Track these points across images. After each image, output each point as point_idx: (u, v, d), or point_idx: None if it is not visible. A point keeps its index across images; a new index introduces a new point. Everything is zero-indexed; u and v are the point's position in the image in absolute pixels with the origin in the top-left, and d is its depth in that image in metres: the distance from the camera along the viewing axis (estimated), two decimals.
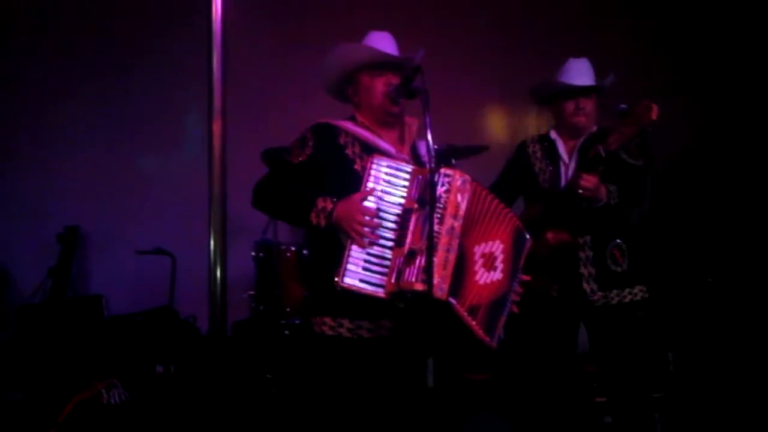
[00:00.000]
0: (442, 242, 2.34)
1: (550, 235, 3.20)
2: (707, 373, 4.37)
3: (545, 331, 3.33)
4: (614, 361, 3.25)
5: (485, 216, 2.49)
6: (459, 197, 2.40)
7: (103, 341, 4.66)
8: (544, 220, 3.24)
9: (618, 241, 3.29)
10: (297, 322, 4.63)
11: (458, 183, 2.40)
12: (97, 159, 5.70)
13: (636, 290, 3.27)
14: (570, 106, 3.35)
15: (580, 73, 3.37)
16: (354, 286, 2.34)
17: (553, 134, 3.45)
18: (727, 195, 5.54)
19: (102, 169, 5.69)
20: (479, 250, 2.46)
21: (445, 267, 2.33)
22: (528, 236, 2.64)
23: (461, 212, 2.40)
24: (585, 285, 3.24)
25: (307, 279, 4.38)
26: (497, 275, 2.49)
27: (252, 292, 4.92)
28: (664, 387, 3.57)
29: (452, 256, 2.35)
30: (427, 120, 2.38)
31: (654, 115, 2.82)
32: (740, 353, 4.61)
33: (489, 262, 2.47)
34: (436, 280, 2.28)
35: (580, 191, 3.05)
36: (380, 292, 2.34)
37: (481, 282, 2.45)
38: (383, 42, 2.73)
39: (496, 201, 2.54)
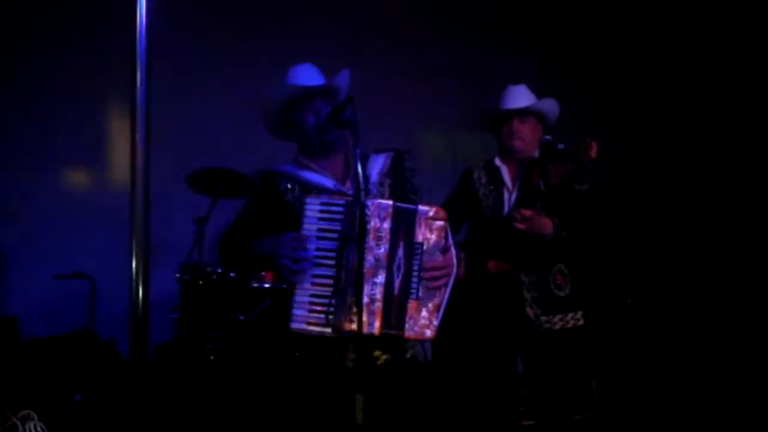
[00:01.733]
0: (368, 275, 2.36)
1: (491, 264, 3.24)
2: (629, 397, 4.48)
3: (485, 355, 3.33)
4: (546, 385, 3.28)
5: (399, 232, 2.46)
6: (384, 224, 2.41)
7: (18, 366, 4.47)
8: (487, 247, 3.27)
9: (560, 265, 3.32)
10: (220, 347, 4.55)
11: (382, 211, 2.42)
12: (13, 179, 5.51)
13: (578, 315, 3.31)
14: (506, 129, 3.41)
15: (515, 97, 3.45)
16: (301, 329, 2.37)
17: (498, 161, 3.50)
18: (644, 214, 5.71)
19: (19, 189, 5.50)
20: (394, 265, 2.44)
21: (373, 302, 2.36)
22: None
23: (385, 240, 2.41)
24: (528, 309, 3.25)
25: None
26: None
27: (176, 315, 4.81)
28: (587, 410, 3.62)
29: (379, 289, 2.38)
30: (357, 152, 2.38)
31: (593, 153, 2.87)
32: (664, 372, 4.75)
33: (399, 269, 2.46)
34: (364, 317, 2.32)
35: (520, 227, 3.09)
36: (328, 332, 2.36)
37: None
38: (304, 74, 2.73)
39: (402, 209, 2.49)
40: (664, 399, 4.51)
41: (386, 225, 2.41)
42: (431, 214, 2.47)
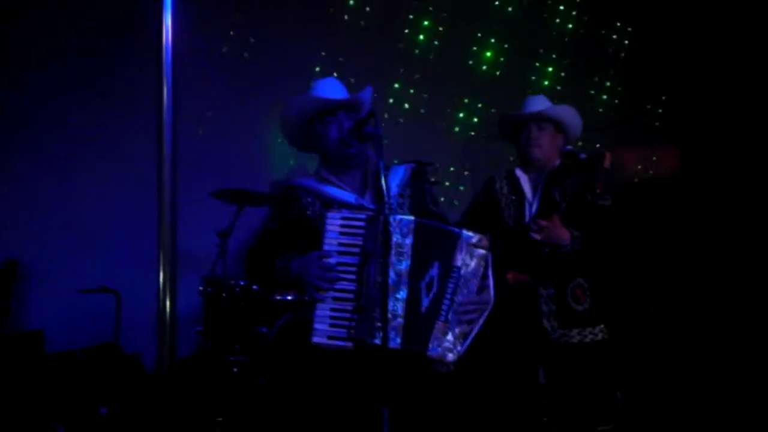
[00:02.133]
0: (390, 291, 2.36)
1: (510, 276, 3.22)
2: (655, 407, 4.46)
3: (506, 367, 3.31)
4: (567, 397, 3.25)
5: (431, 250, 2.46)
6: (407, 240, 2.40)
7: (45, 380, 4.52)
8: (507, 259, 3.23)
9: (580, 280, 3.28)
10: (244, 359, 4.59)
11: (404, 227, 2.41)
12: (40, 193, 5.58)
13: (597, 330, 3.26)
14: (523, 136, 3.40)
15: (532, 104, 3.43)
16: (322, 343, 2.38)
17: (518, 171, 3.48)
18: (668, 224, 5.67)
19: (45, 202, 5.56)
20: (423, 283, 2.44)
21: (394, 317, 2.36)
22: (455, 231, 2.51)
23: (407, 256, 2.40)
24: (545, 322, 3.22)
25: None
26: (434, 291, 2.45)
27: (200, 328, 4.85)
28: (611, 421, 3.60)
29: (401, 305, 2.37)
30: (381, 164, 2.42)
31: (606, 163, 2.87)
32: (689, 381, 4.72)
33: (429, 288, 2.45)
34: (389, 332, 2.32)
35: (536, 237, 3.09)
36: (349, 346, 2.36)
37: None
38: (328, 88, 2.75)
39: (443, 230, 2.50)
40: (690, 408, 4.49)
41: (408, 240, 2.40)
42: (474, 240, 2.47)
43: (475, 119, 6.29)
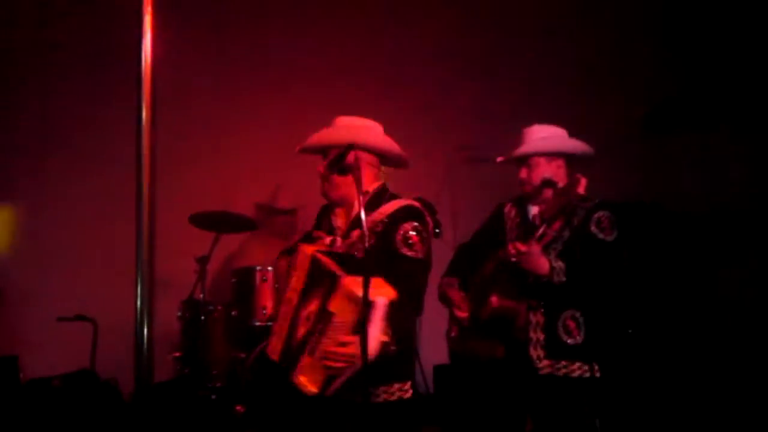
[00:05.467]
0: (282, 312, 2.62)
1: (494, 299, 3.19)
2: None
3: (493, 393, 3.30)
4: (546, 424, 3.20)
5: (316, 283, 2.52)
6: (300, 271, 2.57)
7: (18, 408, 4.44)
8: (494, 281, 3.23)
9: (574, 312, 3.20)
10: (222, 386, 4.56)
11: (299, 257, 2.60)
12: (16, 218, 5.53)
13: (587, 367, 3.15)
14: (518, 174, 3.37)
15: (525, 139, 3.37)
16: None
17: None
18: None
19: (21, 227, 5.52)
20: (304, 313, 2.53)
21: (280, 334, 2.60)
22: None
23: (298, 285, 2.56)
24: (532, 350, 3.16)
25: None
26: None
27: (177, 354, 4.80)
28: None
29: (285, 324, 2.58)
30: (360, 197, 2.47)
31: (581, 189, 2.84)
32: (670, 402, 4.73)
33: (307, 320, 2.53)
34: (272, 343, 2.63)
35: (511, 258, 3.07)
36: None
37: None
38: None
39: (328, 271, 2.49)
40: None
41: (302, 272, 2.56)
42: (350, 287, 2.35)
43: None
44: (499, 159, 3.43)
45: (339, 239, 2.74)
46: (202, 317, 4.76)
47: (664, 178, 6.18)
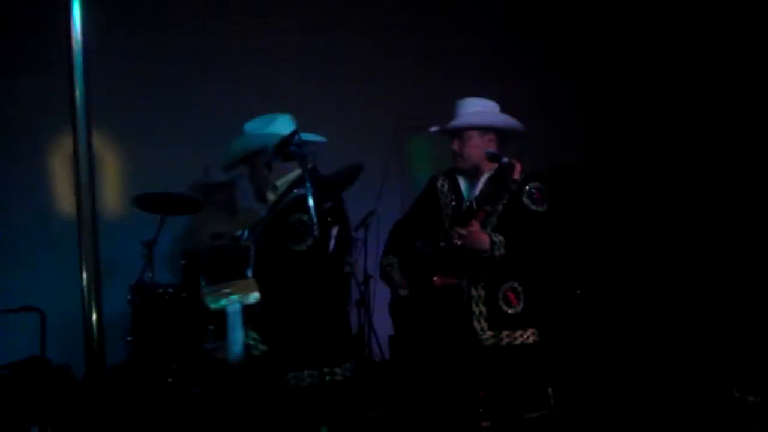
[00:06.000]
0: None
1: (436, 278, 3.26)
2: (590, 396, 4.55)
3: (439, 362, 3.36)
4: (497, 391, 3.28)
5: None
6: None
7: None
8: (436, 259, 3.29)
9: (513, 282, 3.29)
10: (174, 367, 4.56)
11: None
12: None
13: (528, 333, 3.27)
14: (452, 146, 3.40)
15: (457, 112, 3.42)
16: None
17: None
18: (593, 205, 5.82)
19: None
20: None
21: None
22: None
23: None
24: (475, 323, 3.25)
25: None
26: None
27: (130, 338, 4.79)
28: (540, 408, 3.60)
29: None
30: (308, 183, 2.56)
31: (516, 175, 2.92)
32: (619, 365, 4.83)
33: None
34: None
35: (455, 242, 3.13)
36: None
37: None
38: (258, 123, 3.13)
39: None
40: (627, 397, 4.61)
41: None
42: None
43: None
44: (431, 129, 3.46)
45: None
46: (153, 300, 4.74)
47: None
